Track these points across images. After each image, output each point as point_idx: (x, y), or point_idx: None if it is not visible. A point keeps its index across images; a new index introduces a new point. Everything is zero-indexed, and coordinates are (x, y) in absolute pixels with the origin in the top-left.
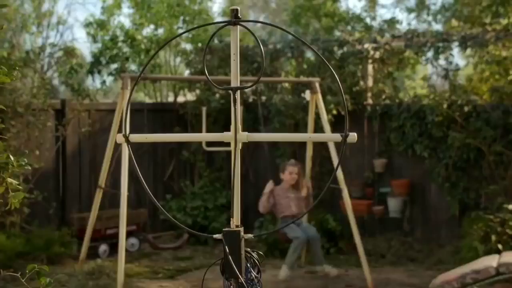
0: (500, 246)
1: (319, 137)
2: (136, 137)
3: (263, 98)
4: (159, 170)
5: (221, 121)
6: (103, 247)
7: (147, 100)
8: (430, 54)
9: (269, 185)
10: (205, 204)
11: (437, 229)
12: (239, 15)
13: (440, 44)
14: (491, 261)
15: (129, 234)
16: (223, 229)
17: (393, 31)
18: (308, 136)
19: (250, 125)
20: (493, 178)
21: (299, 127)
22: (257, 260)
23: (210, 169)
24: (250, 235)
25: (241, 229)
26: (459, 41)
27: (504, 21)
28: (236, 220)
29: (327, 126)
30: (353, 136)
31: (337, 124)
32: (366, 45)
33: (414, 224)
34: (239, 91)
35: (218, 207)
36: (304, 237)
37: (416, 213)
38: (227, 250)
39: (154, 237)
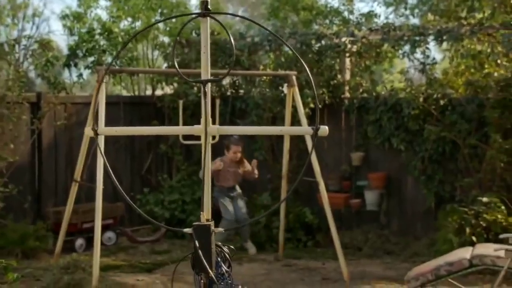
0: (474, 238)
1: (290, 130)
2: (105, 130)
3: (241, 91)
4: (137, 163)
5: (198, 115)
6: (79, 241)
7: (125, 93)
8: (407, 47)
9: (217, 163)
10: (182, 197)
11: (413, 221)
12: (212, 7)
13: (417, 38)
14: (464, 253)
15: (106, 228)
16: (193, 223)
17: (370, 25)
18: (279, 129)
19: (227, 118)
20: (468, 171)
21: (277, 120)
22: (228, 254)
23: (187, 163)
24: (220, 229)
25: (212, 223)
26: (435, 35)
27: (479, 15)
28: (206, 214)
29: (303, 119)
30: (324, 129)
31: (314, 118)
32: (343, 39)
33: (391, 217)
34: (209, 83)
35: (196, 200)
36: (232, 220)
37: (393, 206)
38: (197, 245)
39: (132, 231)
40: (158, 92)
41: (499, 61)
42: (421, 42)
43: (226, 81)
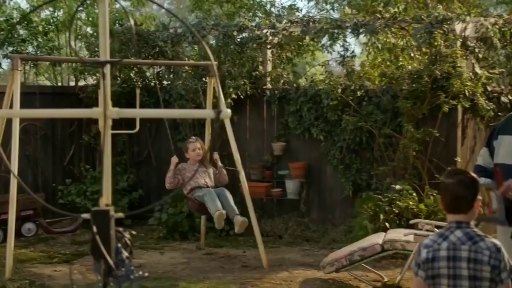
0: (387, 224)
1: (192, 113)
2: None
3: (165, 82)
4: (59, 154)
5: (122, 105)
6: None
7: (48, 83)
8: (326, 40)
9: (173, 160)
10: None
11: (332, 209)
12: None
13: (335, 31)
14: (377, 239)
15: (26, 219)
16: (92, 208)
17: (291, 18)
18: (181, 112)
19: (152, 108)
20: (383, 159)
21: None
22: (130, 240)
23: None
24: (120, 214)
25: (111, 208)
26: (351, 28)
27: (393, 10)
28: (105, 198)
29: (224, 109)
30: (226, 112)
31: (237, 108)
32: (264, 31)
33: (311, 205)
34: (108, 65)
35: (119, 191)
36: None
37: (313, 195)
38: (95, 230)
39: (52, 222)
40: (82, 82)
41: (412, 55)
42: (339, 34)
43: (149, 72)
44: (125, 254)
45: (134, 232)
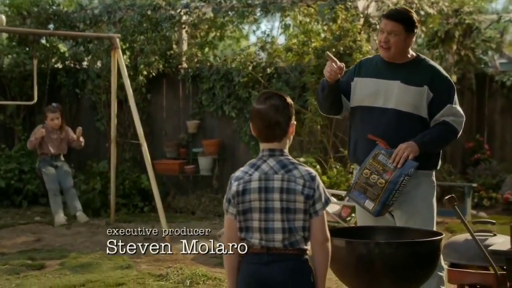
0: None
1: None
2: None
3: (85, 63)
4: None
5: (40, 85)
6: None
7: None
8: (237, 18)
9: (40, 130)
10: (20, 167)
11: None
12: None
13: (245, 9)
14: None
15: None
16: None
17: None
18: None
19: (71, 89)
20: None
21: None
22: None
23: (28, 133)
24: None
25: None
26: (261, 6)
27: None
28: None
29: (127, 81)
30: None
31: (153, 87)
32: (178, 10)
33: (225, 181)
34: None
35: (34, 170)
36: (56, 188)
37: (226, 171)
38: None
39: None
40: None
41: (322, 35)
42: (249, 13)
43: (68, 53)
44: None
45: None
